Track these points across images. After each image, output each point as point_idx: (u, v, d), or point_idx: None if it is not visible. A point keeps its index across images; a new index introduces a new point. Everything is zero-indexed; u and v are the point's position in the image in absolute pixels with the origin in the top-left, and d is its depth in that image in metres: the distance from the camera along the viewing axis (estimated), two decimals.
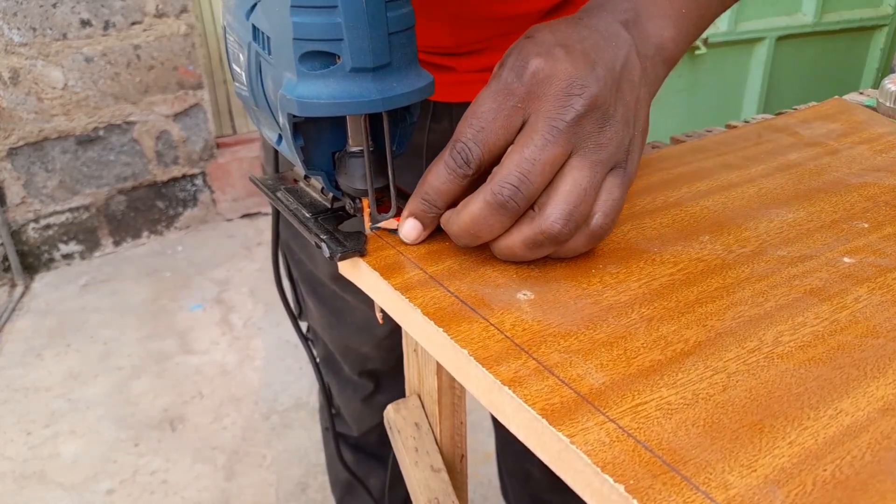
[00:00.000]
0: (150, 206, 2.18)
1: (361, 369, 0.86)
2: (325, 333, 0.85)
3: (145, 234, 2.20)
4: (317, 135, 0.40)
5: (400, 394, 0.86)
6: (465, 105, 0.61)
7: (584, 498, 0.27)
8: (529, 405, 0.28)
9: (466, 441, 0.57)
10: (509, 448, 1.01)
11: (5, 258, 1.98)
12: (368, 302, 0.74)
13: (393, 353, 0.83)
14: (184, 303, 1.90)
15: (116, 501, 1.32)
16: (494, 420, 1.03)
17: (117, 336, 1.78)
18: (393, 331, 0.79)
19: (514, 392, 0.29)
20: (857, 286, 0.36)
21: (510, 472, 1.03)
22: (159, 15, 1.98)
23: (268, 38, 0.36)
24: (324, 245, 0.40)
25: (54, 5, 1.83)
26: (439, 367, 0.51)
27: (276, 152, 0.52)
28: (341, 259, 0.40)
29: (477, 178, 0.36)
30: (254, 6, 0.37)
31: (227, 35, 0.42)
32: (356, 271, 0.41)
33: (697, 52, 1.73)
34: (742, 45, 1.81)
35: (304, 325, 0.90)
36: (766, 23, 1.80)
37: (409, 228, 0.39)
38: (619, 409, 0.28)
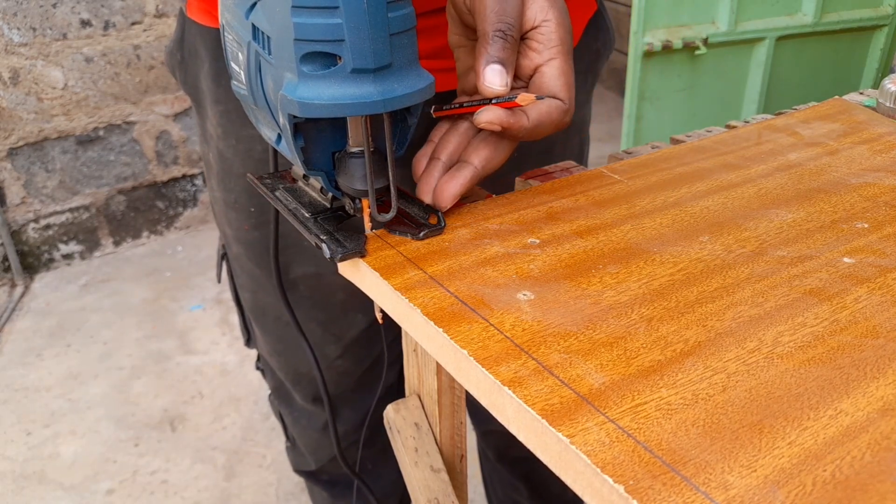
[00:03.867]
0: (150, 206, 2.18)
1: (315, 395, 0.81)
2: (273, 361, 0.81)
3: (145, 234, 2.20)
4: (317, 135, 0.40)
5: (358, 418, 0.84)
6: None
7: (585, 498, 0.27)
8: (529, 405, 0.28)
9: (466, 441, 0.57)
10: (496, 476, 1.01)
11: (5, 258, 1.98)
12: (317, 320, 0.73)
13: (346, 375, 0.80)
14: (184, 303, 1.90)
15: (116, 501, 1.32)
16: (481, 453, 1.02)
17: (117, 336, 1.78)
18: (345, 351, 0.76)
19: (513, 392, 0.29)
20: (857, 286, 0.36)
21: (500, 502, 1.03)
22: (159, 15, 1.98)
23: (268, 38, 0.36)
24: (324, 245, 0.40)
25: (54, 5, 1.83)
26: (439, 368, 0.51)
27: (275, 152, 0.52)
28: (342, 260, 0.40)
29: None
30: (253, 5, 0.37)
31: (226, 33, 0.42)
32: (356, 272, 0.41)
33: (697, 52, 1.72)
34: (742, 45, 1.81)
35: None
36: (766, 23, 1.80)
37: (496, 73, 0.41)
38: (618, 410, 0.28)
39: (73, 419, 1.52)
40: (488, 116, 0.41)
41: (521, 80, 0.45)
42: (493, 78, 0.41)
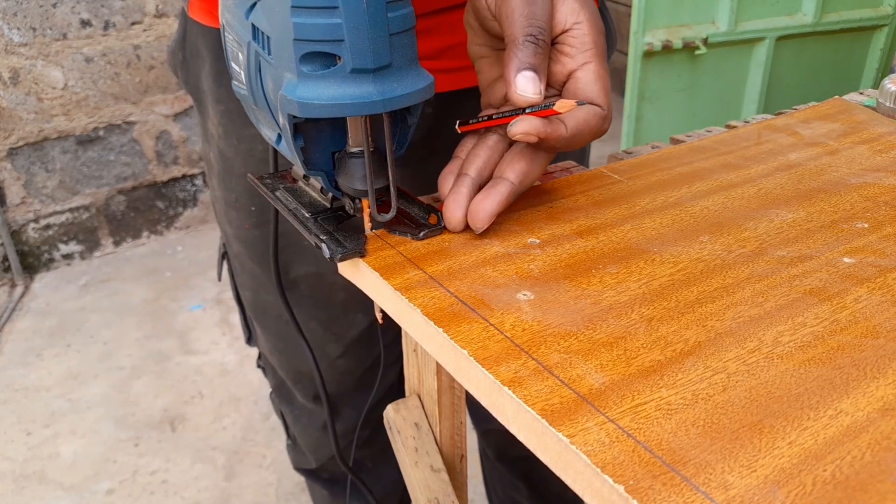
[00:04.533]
0: (150, 206, 2.17)
1: (316, 393, 0.81)
2: (273, 359, 0.81)
3: (145, 234, 2.20)
4: (317, 135, 0.40)
5: (359, 417, 0.84)
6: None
7: (585, 498, 0.27)
8: (529, 406, 0.28)
9: (466, 441, 0.57)
10: (496, 475, 1.01)
11: (5, 258, 1.98)
12: (318, 319, 0.73)
13: (347, 374, 0.79)
14: (184, 303, 1.90)
15: (116, 501, 1.32)
16: (482, 452, 1.02)
17: (117, 336, 1.78)
18: (346, 350, 0.76)
19: (513, 392, 0.29)
20: (857, 286, 0.36)
21: (500, 501, 1.03)
22: (159, 15, 1.98)
23: (268, 38, 0.36)
24: (324, 245, 0.40)
25: (54, 5, 1.83)
26: (439, 368, 0.51)
27: (276, 152, 0.52)
28: (342, 260, 0.40)
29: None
30: (253, 5, 0.37)
31: (226, 34, 0.42)
32: (356, 272, 0.41)
33: (697, 52, 1.72)
34: (742, 45, 1.81)
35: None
36: (766, 23, 1.80)
37: (529, 80, 0.39)
38: (618, 410, 0.28)
39: (73, 419, 1.52)
40: (524, 127, 0.38)
41: (554, 87, 0.42)
42: (526, 85, 0.38)
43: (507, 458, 0.96)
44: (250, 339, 0.83)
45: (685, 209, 0.45)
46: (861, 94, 0.68)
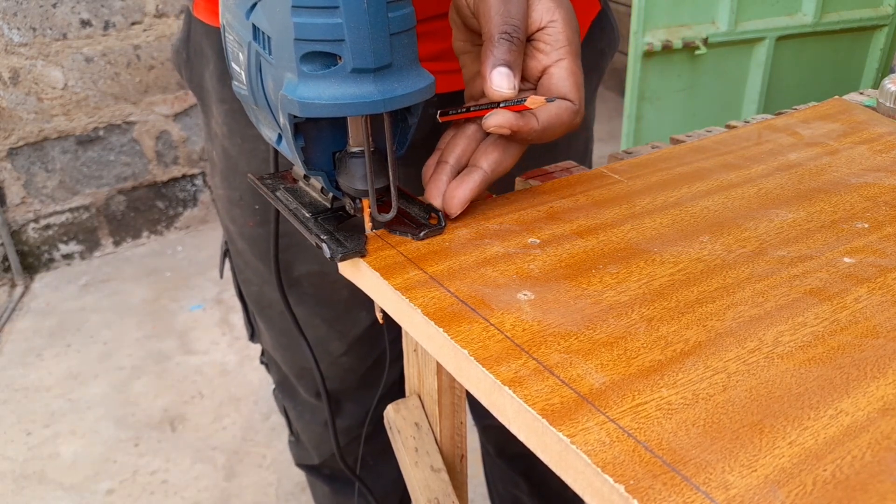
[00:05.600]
0: (150, 206, 2.17)
1: (318, 390, 0.82)
2: (277, 355, 0.82)
3: (145, 234, 2.20)
4: (317, 135, 0.40)
5: (362, 414, 0.85)
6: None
7: (585, 498, 0.27)
8: (529, 405, 0.28)
9: (466, 441, 0.57)
10: (497, 471, 1.01)
11: (5, 258, 1.98)
12: (322, 316, 0.73)
13: (350, 372, 0.80)
14: (184, 303, 1.90)
15: (116, 501, 1.32)
16: (482, 448, 1.02)
17: (117, 336, 1.78)
18: (349, 348, 0.77)
19: (514, 392, 0.29)
20: (858, 286, 0.36)
21: (500, 498, 1.03)
22: (159, 15, 1.98)
23: (268, 38, 0.36)
24: (324, 245, 0.40)
25: (54, 5, 1.83)
26: (439, 367, 0.51)
27: (276, 152, 0.52)
28: (342, 260, 0.40)
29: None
30: (254, 5, 0.37)
31: (226, 34, 0.42)
32: (356, 271, 0.41)
33: (697, 52, 1.72)
34: (742, 45, 1.81)
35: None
36: (766, 23, 1.80)
37: (504, 76, 0.41)
38: (619, 410, 0.28)
39: (73, 419, 1.52)
40: (497, 120, 0.41)
41: (529, 82, 0.44)
42: (501, 81, 0.40)
43: (506, 454, 0.96)
44: (253, 336, 0.83)
45: (685, 209, 0.45)
46: (861, 94, 0.68)
